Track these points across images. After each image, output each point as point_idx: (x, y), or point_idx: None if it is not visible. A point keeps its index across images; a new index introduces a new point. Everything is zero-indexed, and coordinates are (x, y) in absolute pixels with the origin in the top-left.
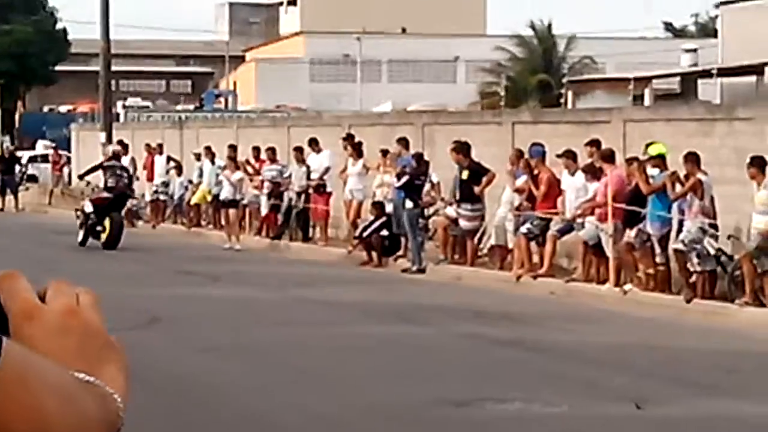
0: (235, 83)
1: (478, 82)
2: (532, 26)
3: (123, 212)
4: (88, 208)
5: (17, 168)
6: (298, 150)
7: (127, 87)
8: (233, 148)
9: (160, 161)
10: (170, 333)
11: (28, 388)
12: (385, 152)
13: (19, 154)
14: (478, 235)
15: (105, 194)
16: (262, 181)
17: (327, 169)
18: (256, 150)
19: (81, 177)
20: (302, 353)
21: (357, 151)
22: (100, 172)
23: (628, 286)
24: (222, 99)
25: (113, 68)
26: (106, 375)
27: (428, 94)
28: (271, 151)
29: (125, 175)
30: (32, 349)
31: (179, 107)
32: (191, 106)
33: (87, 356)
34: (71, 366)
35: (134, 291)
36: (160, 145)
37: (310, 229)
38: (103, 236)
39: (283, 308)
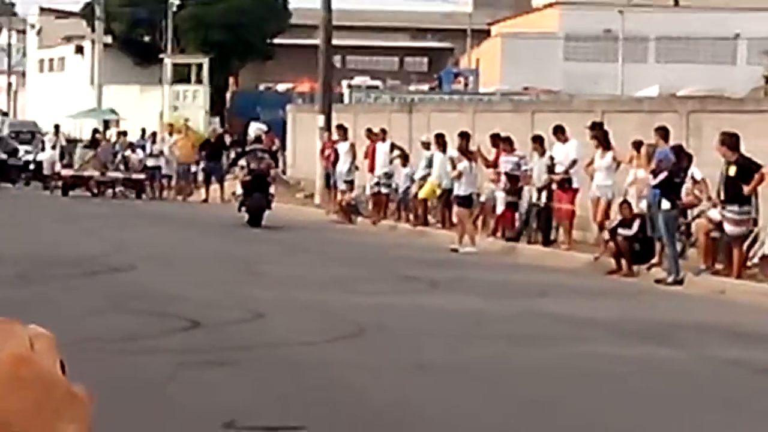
0: (477, 61)
1: (764, 64)
2: None
3: (270, 192)
4: (239, 190)
5: (225, 154)
6: (537, 140)
7: (355, 64)
8: (465, 136)
9: (382, 149)
10: (376, 347)
11: None
12: (638, 144)
13: (227, 139)
14: (747, 242)
15: (248, 177)
16: (499, 175)
17: (573, 162)
18: (495, 138)
19: (230, 166)
20: (532, 378)
21: (604, 141)
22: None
23: None
24: (462, 79)
25: (338, 42)
26: None
27: (702, 77)
28: (507, 140)
29: (266, 156)
30: None
31: (412, 87)
32: (426, 87)
33: (43, 413)
34: (24, 425)
35: (343, 297)
36: (384, 131)
37: (552, 231)
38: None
39: (513, 322)
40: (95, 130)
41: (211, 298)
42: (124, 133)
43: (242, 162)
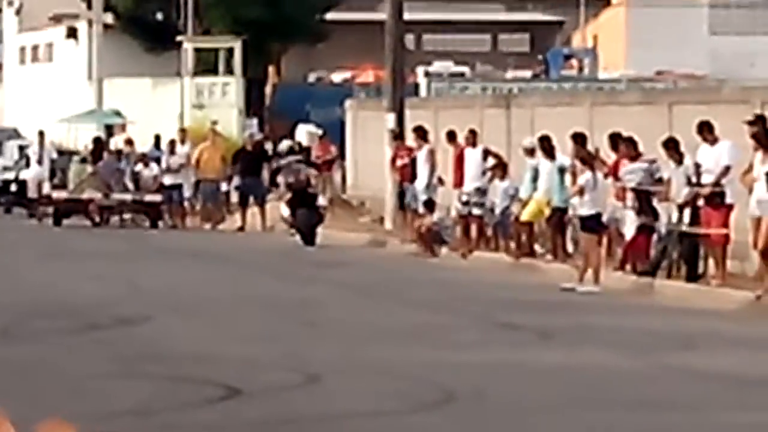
0: (595, 38)
1: None
2: None
3: (318, 205)
4: (285, 211)
5: (266, 167)
6: (670, 144)
7: (434, 45)
8: (580, 138)
9: (473, 157)
10: (470, 418)
11: None
12: None
13: (268, 146)
14: None
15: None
16: (623, 189)
17: (726, 170)
18: (614, 139)
19: (271, 183)
20: None
21: (765, 142)
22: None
23: None
24: (574, 62)
25: (411, 16)
26: None
27: None
28: (629, 142)
29: (302, 167)
30: None
31: (509, 74)
32: (527, 73)
33: None
34: None
35: (425, 353)
36: (474, 133)
37: (699, 262)
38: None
39: (649, 384)
40: (96, 139)
41: (252, 356)
42: (132, 142)
43: (279, 179)
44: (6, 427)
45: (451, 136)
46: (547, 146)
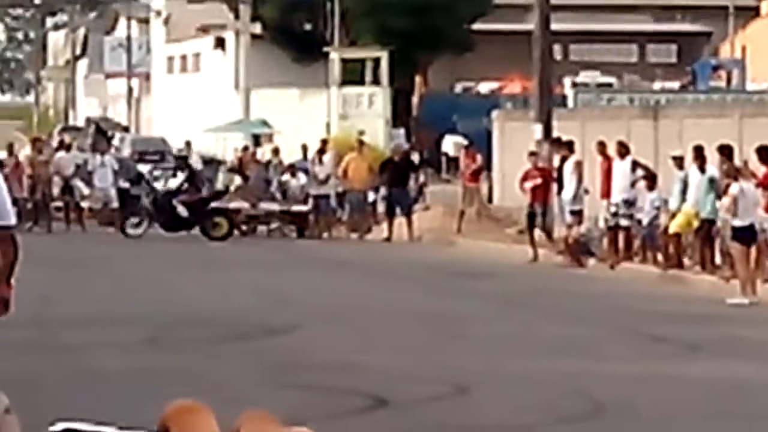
0: (743, 48)
1: None
2: None
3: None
4: None
5: (413, 177)
6: None
7: (581, 56)
8: (726, 150)
9: (621, 168)
10: (618, 431)
11: None
12: None
13: (415, 157)
14: None
15: None
16: None
17: None
18: (763, 152)
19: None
20: None
21: None
22: None
23: None
24: (722, 72)
25: (558, 27)
26: None
27: None
28: None
29: None
30: None
31: (656, 85)
32: (675, 84)
33: None
34: None
35: (572, 365)
36: (622, 144)
37: None
38: None
39: None
40: (245, 148)
41: (400, 367)
42: (279, 152)
43: None
44: (208, 420)
45: (602, 147)
46: (698, 156)
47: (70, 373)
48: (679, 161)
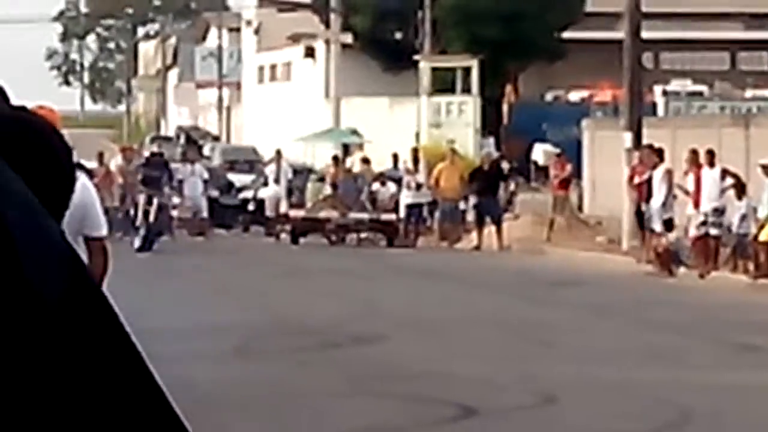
0: None
1: None
2: None
3: None
4: None
5: (502, 186)
6: None
7: (672, 64)
8: None
9: (710, 177)
10: None
11: None
12: None
13: (505, 166)
14: None
15: None
16: None
17: None
18: None
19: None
20: None
21: None
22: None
23: None
24: None
25: (649, 35)
26: None
27: None
28: None
29: None
30: None
31: (748, 93)
32: (767, 92)
33: None
34: None
35: (662, 374)
36: (712, 153)
37: None
38: None
39: None
40: (335, 158)
41: (488, 376)
42: (369, 161)
43: None
44: None
45: (694, 155)
46: None
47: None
48: (766, 168)
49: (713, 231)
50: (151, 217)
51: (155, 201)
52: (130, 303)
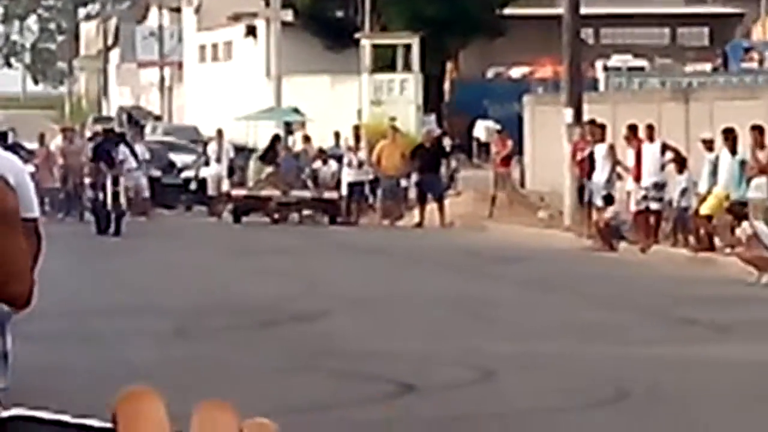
0: None
1: None
2: None
3: None
4: None
5: (444, 163)
6: None
7: (612, 39)
8: (758, 130)
9: (650, 151)
10: (645, 415)
11: None
12: None
13: (446, 143)
14: None
15: None
16: None
17: None
18: None
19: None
20: None
21: None
22: None
23: None
24: (755, 54)
25: (588, 11)
26: None
27: None
28: None
29: None
30: None
31: (688, 68)
32: (707, 66)
33: None
34: None
35: (600, 349)
36: (651, 127)
37: None
38: None
39: None
40: (275, 137)
41: (427, 352)
42: (310, 139)
43: None
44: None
45: (633, 131)
46: (729, 138)
47: (99, 363)
48: (708, 144)
49: (654, 205)
50: (122, 199)
51: (121, 181)
52: (72, 283)
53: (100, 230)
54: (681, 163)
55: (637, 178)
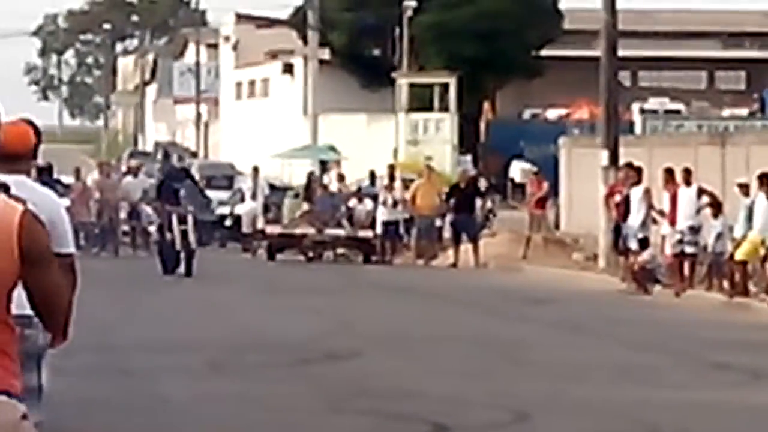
0: None
1: None
2: None
3: None
4: None
5: (479, 203)
6: None
7: (649, 82)
8: None
9: (687, 195)
10: None
11: None
12: None
13: (482, 183)
14: None
15: None
16: None
17: None
18: None
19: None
20: None
21: None
22: None
23: None
24: None
25: (626, 53)
26: None
27: None
28: None
29: None
30: None
31: (725, 112)
32: (743, 111)
33: None
34: None
35: (634, 392)
36: (688, 171)
37: None
38: None
39: None
40: (310, 174)
41: (460, 393)
42: (344, 178)
43: None
44: None
45: (670, 174)
46: (765, 183)
47: (134, 398)
48: (744, 188)
49: (689, 249)
50: (191, 237)
51: (189, 219)
52: (106, 317)
53: (166, 270)
54: (717, 207)
55: (673, 222)
